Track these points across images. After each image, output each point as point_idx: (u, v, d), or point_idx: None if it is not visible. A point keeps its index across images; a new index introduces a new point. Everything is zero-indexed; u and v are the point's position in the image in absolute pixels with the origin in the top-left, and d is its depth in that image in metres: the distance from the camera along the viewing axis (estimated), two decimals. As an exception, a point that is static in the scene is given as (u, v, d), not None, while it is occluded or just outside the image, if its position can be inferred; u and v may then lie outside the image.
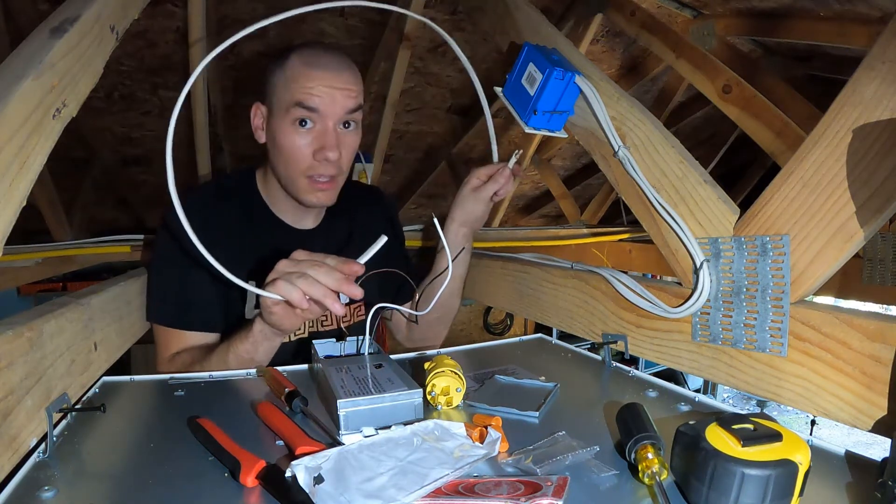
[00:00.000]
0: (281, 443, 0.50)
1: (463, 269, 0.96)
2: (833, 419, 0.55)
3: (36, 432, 0.49)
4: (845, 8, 1.21)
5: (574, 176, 2.72)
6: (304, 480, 0.41)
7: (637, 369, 0.71)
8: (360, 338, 0.70)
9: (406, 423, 0.51)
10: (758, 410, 1.51)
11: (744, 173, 2.69)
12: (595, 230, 1.53)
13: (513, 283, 1.05)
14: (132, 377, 0.69)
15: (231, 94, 1.61)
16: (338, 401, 0.52)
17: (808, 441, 0.46)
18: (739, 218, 0.64)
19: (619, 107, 0.75)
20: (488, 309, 3.69)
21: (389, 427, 0.50)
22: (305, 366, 0.74)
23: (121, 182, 1.88)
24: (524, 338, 0.89)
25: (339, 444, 0.48)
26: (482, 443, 0.49)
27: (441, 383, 0.58)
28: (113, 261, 1.24)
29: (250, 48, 1.46)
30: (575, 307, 0.88)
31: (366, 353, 0.67)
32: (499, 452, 0.48)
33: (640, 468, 0.43)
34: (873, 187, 0.52)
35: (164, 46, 1.36)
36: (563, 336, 0.96)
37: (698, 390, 1.52)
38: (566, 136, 0.85)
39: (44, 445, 0.49)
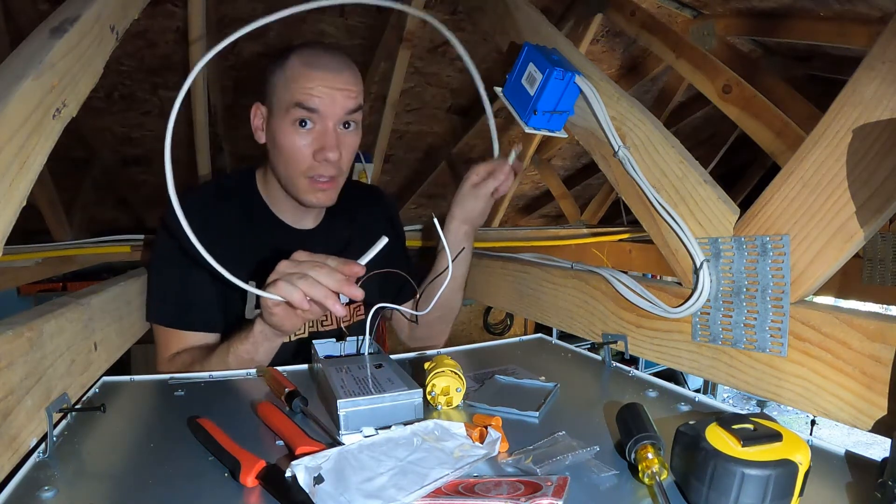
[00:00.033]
0: (281, 443, 0.50)
1: (464, 269, 0.95)
2: (833, 419, 0.55)
3: (36, 432, 0.49)
4: (845, 8, 1.21)
5: (574, 176, 2.72)
6: (304, 480, 0.41)
7: (637, 369, 0.71)
8: (360, 338, 0.70)
9: (406, 423, 0.51)
10: (758, 410, 1.51)
11: (744, 173, 2.69)
12: (595, 230, 1.53)
13: (513, 283, 1.05)
14: (132, 377, 0.69)
15: (231, 94, 1.61)
16: (338, 401, 0.52)
17: (808, 441, 0.46)
18: (739, 218, 0.64)
19: (619, 107, 0.75)
20: (488, 309, 3.69)
21: (389, 427, 0.50)
22: (305, 366, 0.74)
23: (121, 182, 1.88)
24: (524, 338, 0.89)
25: (339, 444, 0.47)
26: (482, 443, 0.49)
27: (441, 383, 0.58)
28: (113, 261, 1.24)
29: (250, 48, 1.46)
30: (575, 307, 0.88)
31: (366, 353, 0.67)
32: (499, 452, 0.48)
33: (640, 468, 0.43)
34: (873, 187, 0.52)
35: (164, 46, 1.36)
36: (563, 336, 0.96)
37: (698, 390, 1.52)
38: (566, 136, 0.85)
39: (44, 445, 0.49)
